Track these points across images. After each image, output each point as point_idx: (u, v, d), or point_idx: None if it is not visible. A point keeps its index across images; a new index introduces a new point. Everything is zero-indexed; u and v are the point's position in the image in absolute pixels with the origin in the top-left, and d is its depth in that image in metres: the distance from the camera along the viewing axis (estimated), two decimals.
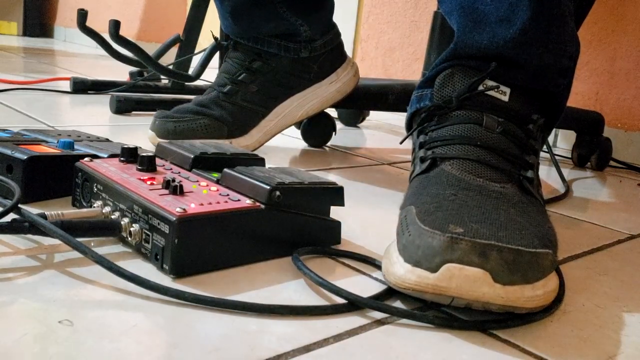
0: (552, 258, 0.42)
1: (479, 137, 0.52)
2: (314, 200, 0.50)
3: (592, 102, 1.23)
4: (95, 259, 0.40)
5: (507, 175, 0.51)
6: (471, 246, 0.39)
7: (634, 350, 0.40)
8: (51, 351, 0.32)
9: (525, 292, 0.39)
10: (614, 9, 1.19)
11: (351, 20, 1.75)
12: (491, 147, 0.52)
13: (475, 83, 0.55)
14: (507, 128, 0.54)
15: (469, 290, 0.39)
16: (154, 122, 0.85)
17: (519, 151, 0.53)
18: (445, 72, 0.57)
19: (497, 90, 0.55)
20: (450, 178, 0.50)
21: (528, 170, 0.52)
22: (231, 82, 0.87)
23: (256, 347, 0.35)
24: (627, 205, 0.81)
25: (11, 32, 3.36)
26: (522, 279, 0.39)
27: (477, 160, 0.51)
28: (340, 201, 0.52)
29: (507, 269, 0.39)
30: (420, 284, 0.40)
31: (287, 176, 0.51)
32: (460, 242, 0.39)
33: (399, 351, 0.36)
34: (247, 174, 0.50)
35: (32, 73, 1.66)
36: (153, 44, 2.60)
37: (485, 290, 0.38)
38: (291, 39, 0.89)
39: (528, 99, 0.57)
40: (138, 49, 1.02)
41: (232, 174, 0.51)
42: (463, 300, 0.39)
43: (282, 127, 0.90)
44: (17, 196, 0.45)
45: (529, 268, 0.40)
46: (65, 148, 0.59)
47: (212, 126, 0.84)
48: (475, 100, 0.55)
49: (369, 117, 1.43)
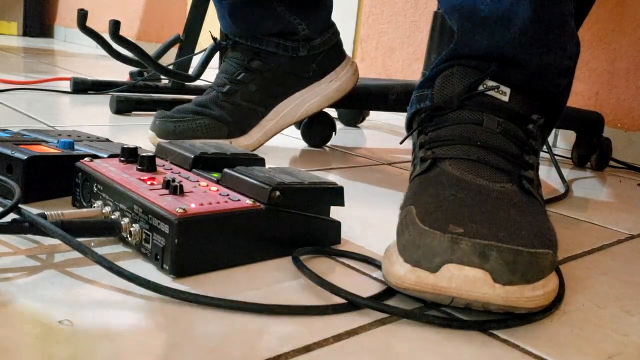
0: (552, 258, 0.42)
1: (479, 137, 0.52)
2: (314, 200, 0.50)
3: (592, 102, 1.23)
4: (95, 259, 0.40)
5: (507, 175, 0.51)
6: (471, 246, 0.39)
7: (634, 350, 0.40)
8: (51, 351, 0.32)
9: (525, 292, 0.39)
10: (614, 9, 1.19)
11: (351, 20, 1.75)
12: (491, 147, 0.52)
13: (475, 83, 0.55)
14: (507, 128, 0.53)
15: (469, 291, 0.39)
16: (154, 122, 0.85)
17: (519, 151, 0.53)
18: (446, 72, 0.57)
19: (497, 91, 0.55)
20: (450, 178, 0.49)
21: (528, 170, 0.52)
22: (230, 82, 0.87)
23: (256, 347, 0.35)
24: (627, 205, 0.81)
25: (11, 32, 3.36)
26: (521, 279, 0.39)
27: (477, 160, 0.51)
28: (340, 201, 0.52)
29: (507, 269, 0.39)
30: (420, 284, 0.40)
31: (287, 176, 0.51)
32: (460, 243, 0.39)
33: (399, 351, 0.36)
34: (247, 174, 0.50)
35: (32, 73, 1.66)
36: (153, 44, 2.60)
37: (485, 291, 0.39)
38: (289, 37, 0.89)
39: (528, 99, 0.57)
40: (138, 49, 1.02)
41: (232, 174, 0.51)
42: (463, 300, 0.39)
43: (282, 126, 0.90)
44: (17, 196, 0.45)
45: (528, 268, 0.40)
46: (65, 148, 0.59)
47: (212, 126, 0.84)
48: (476, 100, 0.55)
49: (369, 117, 1.43)
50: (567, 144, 1.26)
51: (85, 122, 1.02)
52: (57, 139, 0.62)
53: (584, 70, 1.24)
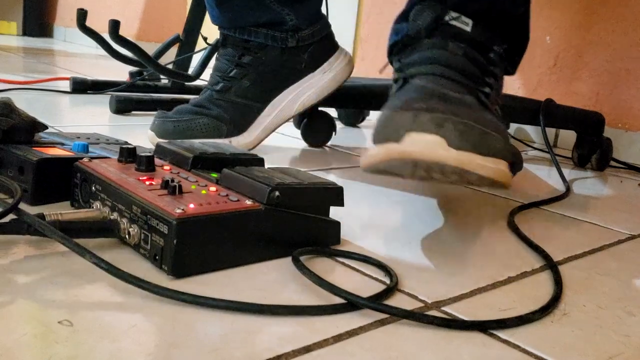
0: (503, 144, 0.50)
1: (444, 59, 0.59)
2: (314, 201, 0.50)
3: (592, 102, 1.23)
4: (94, 260, 0.40)
5: (466, 88, 0.57)
6: (430, 118, 0.47)
7: (634, 350, 0.40)
8: (51, 351, 0.32)
9: (476, 159, 0.47)
10: (614, 9, 1.19)
11: (351, 20, 1.75)
12: (453, 65, 0.59)
13: (440, 15, 0.62)
14: (469, 53, 0.60)
15: (428, 153, 0.46)
16: (153, 122, 0.86)
17: (479, 72, 0.60)
18: (417, 7, 0.64)
19: (459, 21, 0.62)
20: (417, 88, 0.56)
21: (486, 87, 0.59)
22: (223, 80, 0.88)
23: (256, 347, 0.35)
24: (628, 206, 0.81)
25: (11, 32, 3.36)
26: (473, 148, 0.47)
27: (441, 75, 0.58)
28: (340, 201, 0.52)
29: (459, 137, 0.47)
30: (387, 155, 0.47)
31: (287, 176, 0.51)
32: (420, 116, 0.47)
33: (399, 351, 0.36)
34: (247, 174, 0.50)
35: (32, 73, 1.66)
36: (153, 44, 2.60)
37: (441, 153, 0.46)
38: (277, 27, 0.89)
39: (489, 29, 0.63)
40: (138, 48, 1.02)
41: (232, 174, 0.51)
42: (423, 163, 0.46)
43: (280, 121, 0.90)
44: (18, 197, 0.45)
45: (479, 141, 0.47)
46: (79, 151, 0.60)
47: (211, 125, 0.85)
48: (442, 30, 0.62)
49: (369, 117, 1.43)
50: (567, 144, 1.26)
51: (85, 122, 1.02)
52: (73, 142, 0.62)
53: (584, 70, 1.24)
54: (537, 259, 0.55)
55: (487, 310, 0.43)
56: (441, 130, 0.46)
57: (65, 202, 0.56)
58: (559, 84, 1.28)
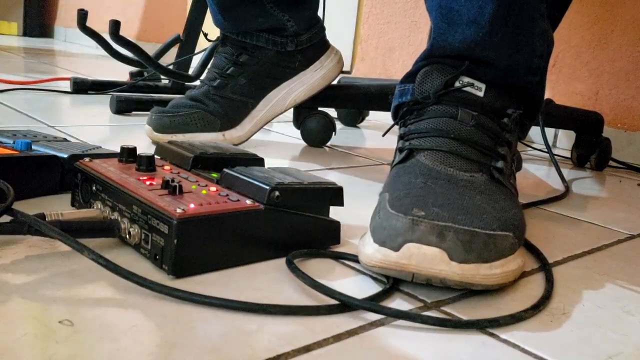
0: (512, 241, 0.45)
1: (453, 130, 0.55)
2: (313, 201, 0.50)
3: (592, 102, 1.23)
4: (95, 259, 0.40)
5: (477, 165, 0.54)
6: (429, 227, 0.43)
7: (634, 350, 0.40)
8: (51, 351, 0.32)
9: (481, 270, 0.43)
10: (613, 9, 1.19)
11: (351, 20, 1.75)
12: (463, 139, 0.55)
13: (451, 80, 0.58)
14: (481, 121, 0.56)
15: (427, 267, 0.42)
16: (150, 117, 0.89)
17: (492, 143, 0.56)
18: (425, 69, 0.60)
19: (473, 87, 0.58)
20: (422, 168, 0.53)
21: (499, 160, 0.55)
22: (220, 76, 0.91)
23: (256, 347, 0.35)
24: (627, 205, 0.81)
25: (11, 32, 3.37)
26: (478, 258, 0.43)
27: (449, 151, 0.54)
28: (340, 201, 0.52)
29: (462, 248, 0.42)
30: (384, 262, 0.43)
31: (287, 176, 0.51)
32: (420, 224, 0.43)
33: (398, 351, 0.36)
34: (247, 174, 0.50)
35: (33, 73, 1.66)
36: (153, 44, 2.60)
37: (442, 267, 0.42)
38: (278, 33, 0.93)
39: (503, 94, 0.59)
40: (138, 49, 1.02)
41: (232, 174, 0.51)
42: (422, 276, 0.43)
43: (271, 115, 0.94)
44: (11, 198, 0.45)
45: (484, 248, 0.43)
46: (22, 149, 0.57)
47: (206, 119, 0.88)
48: (452, 95, 0.58)
49: (369, 117, 1.43)
50: (566, 144, 1.26)
51: (85, 122, 1.02)
52: (13, 139, 0.59)
53: (583, 71, 1.24)
54: (536, 259, 0.55)
55: (487, 310, 0.43)
56: (443, 243, 0.42)
57: (53, 200, 0.56)
58: (559, 84, 1.29)
